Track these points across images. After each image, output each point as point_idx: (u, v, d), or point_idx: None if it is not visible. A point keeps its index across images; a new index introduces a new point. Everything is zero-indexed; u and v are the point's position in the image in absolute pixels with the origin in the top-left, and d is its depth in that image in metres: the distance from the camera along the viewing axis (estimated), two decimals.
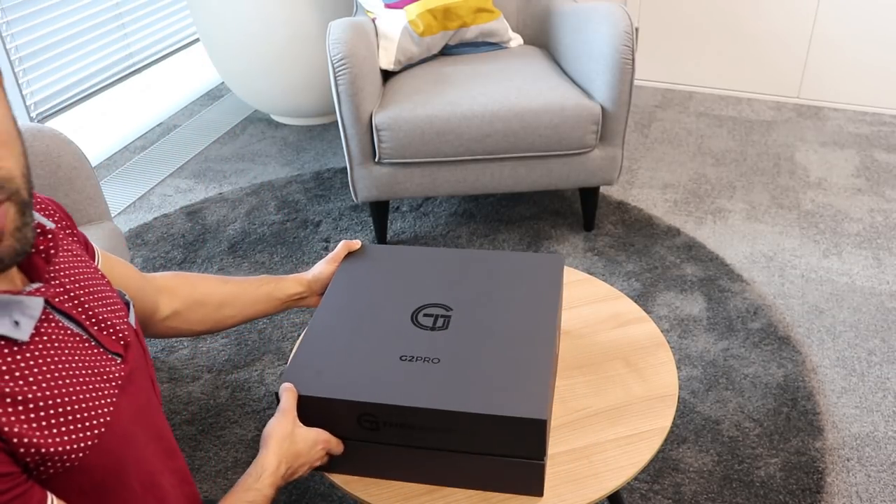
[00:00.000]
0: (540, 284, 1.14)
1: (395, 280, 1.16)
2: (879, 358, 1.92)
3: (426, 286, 1.15)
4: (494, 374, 0.99)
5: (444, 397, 0.95)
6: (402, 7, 2.33)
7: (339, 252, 1.20)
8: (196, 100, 3.48)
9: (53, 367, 0.67)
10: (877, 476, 1.61)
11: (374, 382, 0.98)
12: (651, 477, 1.60)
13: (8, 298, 0.65)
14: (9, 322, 0.64)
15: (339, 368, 1.00)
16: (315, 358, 1.02)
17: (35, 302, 0.67)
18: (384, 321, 1.08)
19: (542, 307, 1.10)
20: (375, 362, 1.01)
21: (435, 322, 1.08)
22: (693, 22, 3.27)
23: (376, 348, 1.03)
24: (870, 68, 3.12)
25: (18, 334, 0.65)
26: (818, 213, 2.51)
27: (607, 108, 2.15)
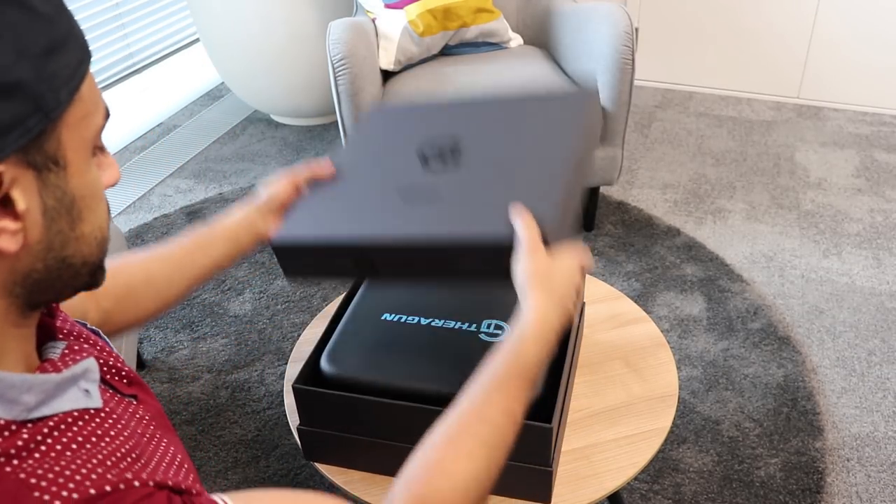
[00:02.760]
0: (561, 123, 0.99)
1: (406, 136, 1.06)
2: (879, 358, 1.92)
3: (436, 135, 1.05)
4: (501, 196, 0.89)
5: (436, 228, 0.86)
6: (402, 7, 2.33)
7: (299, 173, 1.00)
8: (196, 100, 3.48)
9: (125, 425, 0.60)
10: (877, 476, 1.61)
11: (366, 221, 0.90)
12: (651, 477, 1.60)
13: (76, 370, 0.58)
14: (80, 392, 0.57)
15: (332, 212, 0.93)
16: (313, 208, 0.96)
17: (93, 365, 0.60)
18: (391, 167, 0.99)
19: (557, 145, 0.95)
20: (373, 202, 0.93)
21: (443, 159, 0.98)
22: (693, 22, 3.27)
23: (377, 190, 0.95)
24: (870, 68, 3.12)
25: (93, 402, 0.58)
26: (818, 213, 2.51)
27: (607, 108, 2.15)
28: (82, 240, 0.55)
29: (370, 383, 1.01)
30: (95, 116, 0.55)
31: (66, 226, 0.53)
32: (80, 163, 0.54)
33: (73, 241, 0.55)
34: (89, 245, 0.56)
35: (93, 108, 0.54)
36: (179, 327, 2.06)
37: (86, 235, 0.56)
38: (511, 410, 0.70)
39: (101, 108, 0.56)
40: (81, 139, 0.53)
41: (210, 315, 2.10)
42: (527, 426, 0.93)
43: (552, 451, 0.95)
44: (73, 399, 0.56)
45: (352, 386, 1.01)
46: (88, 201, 0.55)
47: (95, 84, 0.56)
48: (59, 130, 0.51)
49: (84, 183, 0.54)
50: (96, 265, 0.58)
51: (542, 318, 0.75)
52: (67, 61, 0.51)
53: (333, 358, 1.04)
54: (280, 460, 1.66)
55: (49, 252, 0.53)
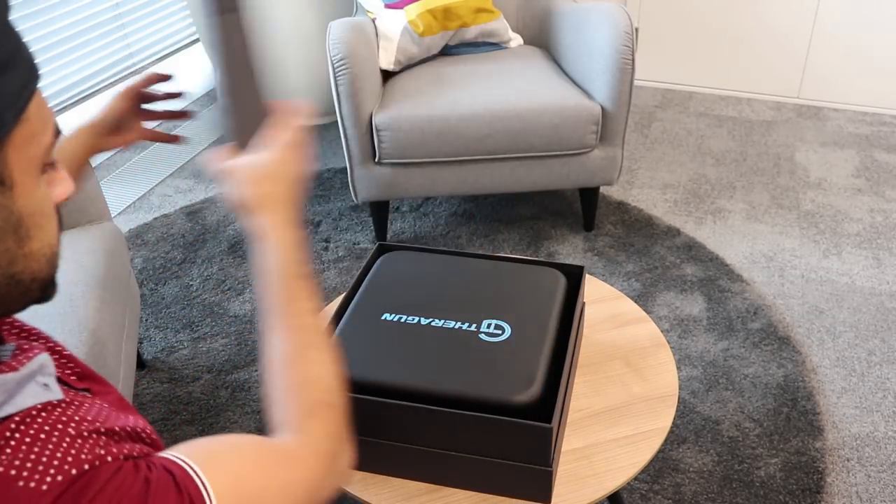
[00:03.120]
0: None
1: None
2: (879, 358, 1.92)
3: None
4: None
5: None
6: (402, 7, 2.33)
7: (134, 84, 0.97)
8: (196, 100, 3.48)
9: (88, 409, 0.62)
10: (877, 476, 1.61)
11: None
12: (651, 477, 1.60)
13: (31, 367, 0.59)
14: (40, 388, 0.58)
15: None
16: None
17: (47, 359, 0.61)
18: None
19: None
20: None
21: None
22: (693, 22, 3.27)
23: None
24: (870, 68, 3.12)
25: (53, 395, 0.59)
26: (818, 213, 2.51)
27: (607, 108, 2.15)
28: (31, 257, 0.55)
29: (370, 383, 1.01)
30: (44, 135, 0.54)
31: (13, 244, 0.53)
32: (27, 182, 0.53)
33: (21, 259, 0.54)
34: (38, 262, 0.56)
35: (41, 127, 0.54)
36: (179, 327, 2.06)
37: (34, 252, 0.55)
38: (306, 304, 0.72)
39: (51, 126, 0.56)
40: (29, 159, 0.53)
41: (210, 315, 2.10)
42: (527, 426, 0.93)
43: (552, 451, 0.95)
44: (34, 394, 0.57)
45: (352, 386, 1.02)
46: (37, 219, 0.55)
47: (45, 102, 0.56)
48: (4, 151, 0.51)
49: (32, 201, 0.54)
50: (46, 281, 0.58)
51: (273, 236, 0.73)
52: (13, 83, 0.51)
53: None
54: None
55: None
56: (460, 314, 1.11)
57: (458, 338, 1.07)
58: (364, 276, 1.23)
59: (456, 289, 1.16)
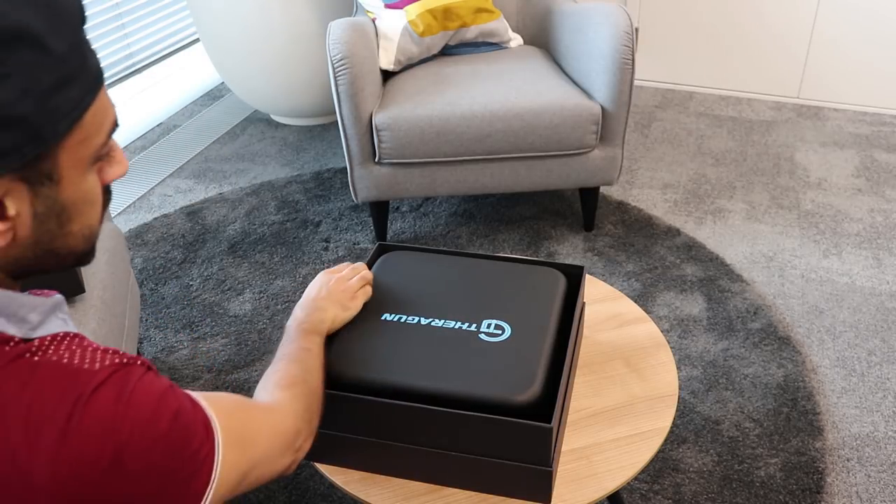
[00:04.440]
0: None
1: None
2: (879, 358, 1.92)
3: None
4: None
5: None
6: (402, 7, 2.33)
7: None
8: (196, 100, 3.48)
9: None
10: (877, 476, 1.61)
11: None
12: (651, 477, 1.60)
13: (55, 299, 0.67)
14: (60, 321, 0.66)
15: None
16: None
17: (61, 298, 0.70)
18: None
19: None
20: None
21: None
22: (693, 22, 3.27)
23: None
24: (870, 68, 3.12)
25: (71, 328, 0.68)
26: (818, 213, 2.51)
27: (607, 108, 2.15)
28: (70, 236, 0.63)
29: (370, 383, 1.01)
30: (96, 137, 0.60)
31: (54, 226, 0.61)
32: (74, 177, 0.60)
33: (60, 238, 0.62)
34: (76, 239, 0.64)
35: (94, 130, 0.60)
36: (179, 327, 2.06)
37: (74, 233, 0.63)
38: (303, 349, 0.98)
39: (107, 126, 0.61)
40: (78, 158, 0.59)
41: (210, 315, 2.10)
42: (527, 426, 0.93)
43: (552, 451, 0.95)
44: (58, 324, 0.65)
45: (352, 386, 1.01)
46: (80, 206, 0.62)
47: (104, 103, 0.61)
48: (56, 153, 0.57)
49: (76, 192, 0.61)
50: (83, 253, 0.66)
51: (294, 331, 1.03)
52: (72, 96, 0.56)
53: (334, 359, 1.04)
54: None
55: (37, 245, 0.61)
56: (460, 314, 1.11)
57: (458, 338, 1.07)
58: None
59: (456, 289, 1.16)
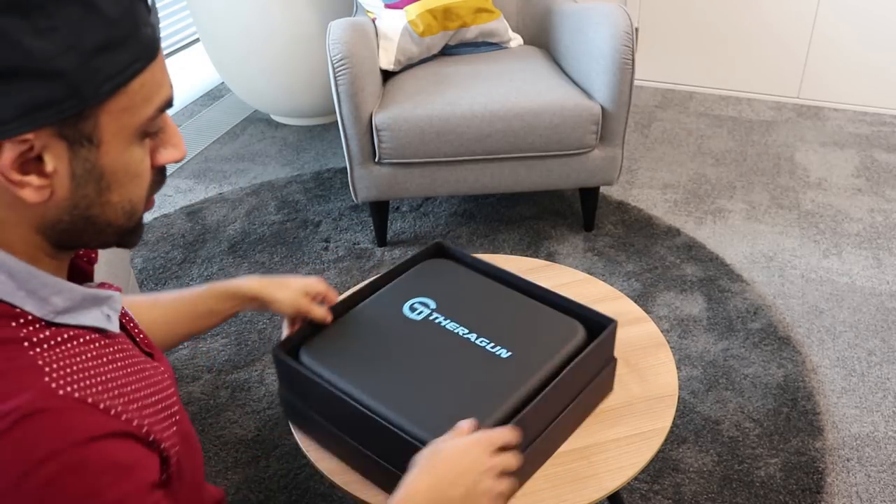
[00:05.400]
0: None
1: None
2: (879, 358, 1.92)
3: None
4: None
5: None
6: (402, 7, 2.33)
7: (313, 315, 1.09)
8: (196, 100, 3.48)
9: (134, 361, 0.69)
10: (877, 476, 1.61)
11: None
12: (651, 477, 1.60)
13: (101, 292, 0.67)
14: (102, 315, 0.66)
15: None
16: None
17: (119, 297, 0.70)
18: None
19: None
20: None
21: None
22: (693, 22, 3.27)
23: None
24: (870, 68, 3.12)
25: (112, 327, 0.67)
26: (818, 213, 2.51)
27: (607, 108, 2.15)
28: (108, 206, 0.62)
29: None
30: (144, 108, 0.60)
31: (92, 192, 0.61)
32: (116, 144, 0.60)
33: (98, 205, 0.62)
34: (115, 212, 0.63)
35: (140, 101, 0.60)
36: None
37: (112, 203, 0.62)
38: None
39: (157, 101, 0.61)
40: (122, 125, 0.59)
41: None
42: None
43: None
44: (95, 318, 0.65)
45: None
46: (120, 176, 0.61)
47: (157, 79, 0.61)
48: (97, 115, 0.57)
49: (118, 161, 0.61)
50: (124, 229, 0.65)
51: (406, 492, 0.79)
52: (118, 60, 0.57)
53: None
54: (280, 460, 1.66)
55: (74, 209, 0.61)
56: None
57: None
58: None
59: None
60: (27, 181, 0.57)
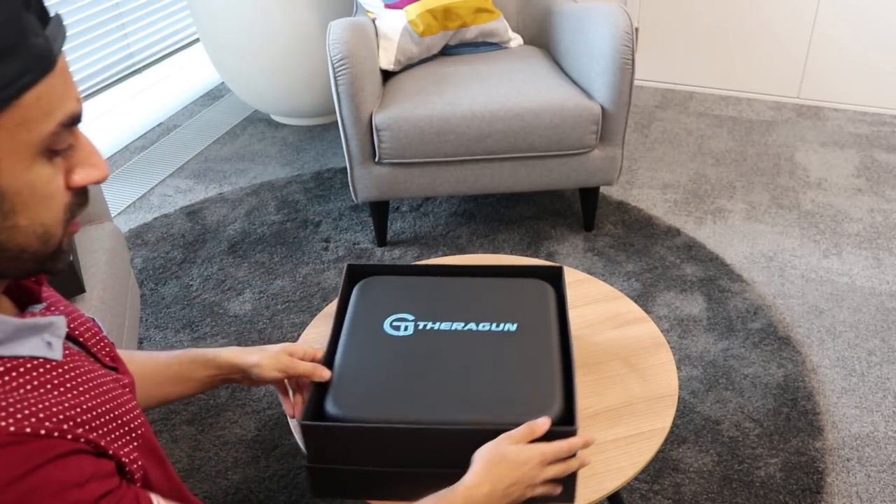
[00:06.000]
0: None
1: None
2: (879, 358, 1.92)
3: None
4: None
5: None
6: (402, 7, 2.33)
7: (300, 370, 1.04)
8: (196, 100, 3.48)
9: (86, 380, 0.66)
10: (877, 476, 1.61)
11: None
12: (651, 477, 1.60)
13: (38, 321, 0.63)
14: (42, 343, 0.63)
15: None
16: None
17: (61, 321, 0.66)
18: None
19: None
20: None
21: None
22: (693, 22, 3.27)
23: None
24: (870, 68, 3.12)
25: (53, 354, 0.64)
26: (818, 213, 2.51)
27: (607, 108, 2.15)
28: (16, 230, 0.58)
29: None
30: (42, 124, 0.56)
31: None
32: (15, 162, 0.55)
33: (5, 231, 0.57)
34: (26, 237, 0.59)
35: (39, 115, 0.55)
36: (179, 327, 2.06)
37: (20, 227, 0.58)
38: None
39: (58, 116, 0.57)
40: (19, 142, 0.55)
41: (210, 315, 2.10)
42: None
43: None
44: (33, 347, 0.62)
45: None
46: (25, 198, 0.57)
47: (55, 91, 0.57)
48: None
49: (19, 181, 0.56)
50: (42, 255, 0.61)
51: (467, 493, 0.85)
52: (4, 72, 0.52)
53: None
54: (280, 460, 1.66)
55: None
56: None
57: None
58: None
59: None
60: None
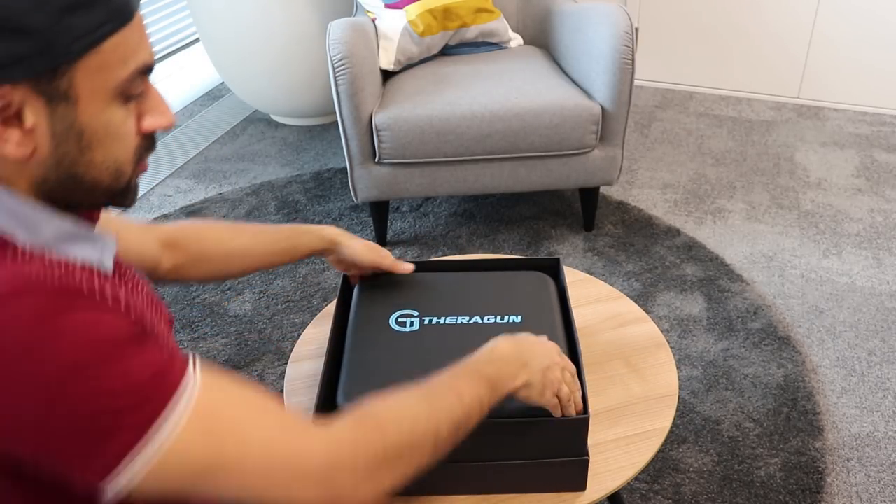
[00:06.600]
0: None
1: None
2: (879, 358, 1.92)
3: None
4: None
5: None
6: (402, 7, 2.33)
7: (384, 265, 1.17)
8: (196, 100, 3.48)
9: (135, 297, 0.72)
10: (877, 476, 1.61)
11: None
12: (651, 477, 1.60)
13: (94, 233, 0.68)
14: (95, 252, 0.68)
15: None
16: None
17: (112, 241, 0.72)
18: None
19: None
20: None
21: None
22: (693, 22, 3.27)
23: None
24: (870, 68, 3.12)
25: (105, 264, 0.69)
26: (818, 213, 2.51)
27: (607, 108, 2.15)
28: (92, 165, 0.64)
29: None
30: (118, 70, 0.62)
31: (73, 149, 0.62)
32: (94, 102, 0.61)
33: (81, 164, 0.63)
34: (100, 171, 0.65)
35: (115, 62, 0.61)
36: (179, 327, 2.06)
37: (96, 163, 0.64)
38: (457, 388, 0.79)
39: (130, 64, 0.63)
40: (98, 85, 0.61)
41: (210, 315, 2.10)
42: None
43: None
44: (87, 253, 0.67)
45: None
46: (101, 136, 0.63)
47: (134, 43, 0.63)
48: (72, 73, 0.59)
49: (97, 119, 0.62)
50: (113, 190, 0.67)
51: (497, 348, 0.88)
52: (88, 20, 0.58)
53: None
54: None
55: (59, 167, 0.63)
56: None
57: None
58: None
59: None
60: (8, 136, 0.59)
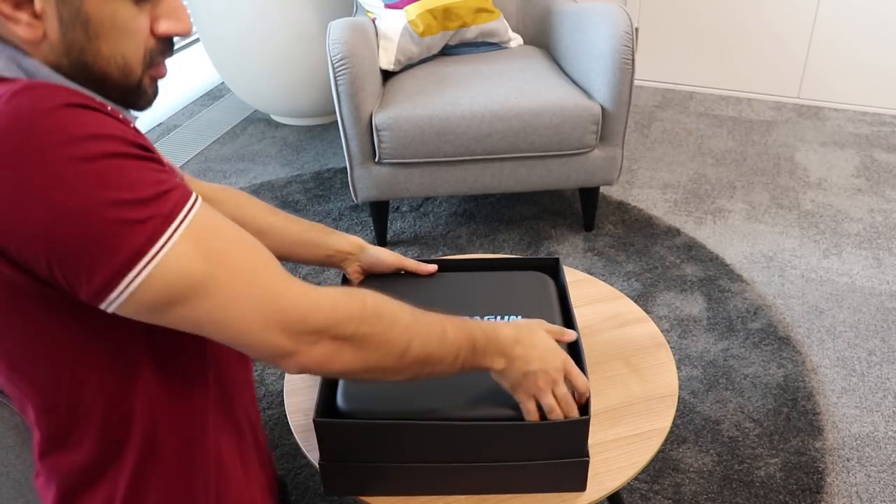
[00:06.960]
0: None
1: None
2: (879, 358, 1.92)
3: None
4: None
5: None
6: (402, 7, 2.33)
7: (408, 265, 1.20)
8: (196, 100, 3.48)
9: None
10: (877, 476, 1.61)
11: None
12: (651, 477, 1.60)
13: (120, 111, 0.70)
14: None
15: None
16: None
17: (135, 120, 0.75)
18: None
19: None
20: None
21: None
22: (693, 22, 3.27)
23: None
24: (870, 68, 3.12)
25: None
26: (818, 213, 2.51)
27: (607, 108, 2.15)
28: (100, 56, 0.66)
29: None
30: None
31: (81, 37, 0.65)
32: None
33: (90, 54, 0.66)
34: (108, 63, 0.67)
35: None
36: None
37: (103, 54, 0.67)
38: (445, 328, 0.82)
39: None
40: None
41: None
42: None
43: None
44: None
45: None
46: (107, 28, 0.66)
47: None
48: None
49: (102, 10, 0.65)
50: (123, 87, 0.69)
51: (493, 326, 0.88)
52: None
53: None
54: (280, 460, 1.66)
55: (69, 54, 0.66)
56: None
57: None
58: None
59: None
60: (19, 16, 0.62)
